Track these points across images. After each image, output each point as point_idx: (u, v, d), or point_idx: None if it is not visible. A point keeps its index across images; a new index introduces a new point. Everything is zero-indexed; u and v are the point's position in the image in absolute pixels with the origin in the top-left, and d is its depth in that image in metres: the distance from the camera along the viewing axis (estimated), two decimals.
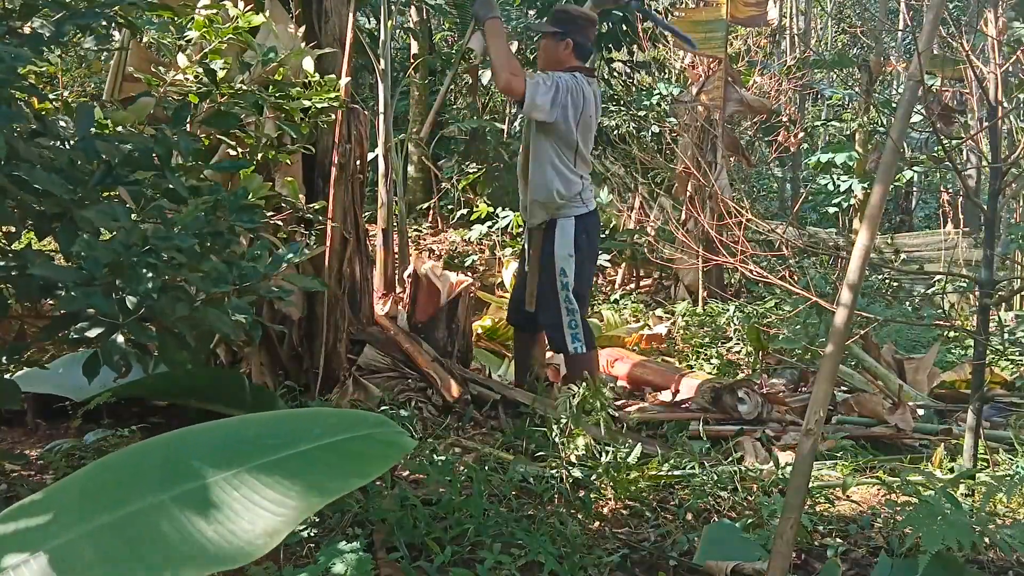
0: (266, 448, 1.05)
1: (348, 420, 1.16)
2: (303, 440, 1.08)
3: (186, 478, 0.99)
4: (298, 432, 1.10)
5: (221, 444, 1.08)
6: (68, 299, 1.55)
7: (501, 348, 5.09)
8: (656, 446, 3.25)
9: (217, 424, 1.14)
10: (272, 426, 1.15)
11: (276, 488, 1.00)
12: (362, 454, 1.09)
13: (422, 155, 8.43)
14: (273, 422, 1.18)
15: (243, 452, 1.04)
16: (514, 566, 2.07)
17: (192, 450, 1.06)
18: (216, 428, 1.13)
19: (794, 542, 1.84)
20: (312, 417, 1.20)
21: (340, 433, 1.10)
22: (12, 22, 1.73)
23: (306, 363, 3.38)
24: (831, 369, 1.87)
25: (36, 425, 3.02)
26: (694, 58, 7.05)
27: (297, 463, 1.04)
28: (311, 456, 1.06)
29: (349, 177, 3.41)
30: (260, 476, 1.01)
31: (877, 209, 1.95)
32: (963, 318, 6.43)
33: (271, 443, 1.07)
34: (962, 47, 2.73)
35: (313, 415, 1.22)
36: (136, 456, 1.07)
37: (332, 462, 1.06)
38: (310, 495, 1.00)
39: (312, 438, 1.08)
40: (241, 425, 1.14)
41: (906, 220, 11.77)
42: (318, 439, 1.08)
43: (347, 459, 1.07)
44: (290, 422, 1.18)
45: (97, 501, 0.96)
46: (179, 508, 0.95)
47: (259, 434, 1.10)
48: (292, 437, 1.09)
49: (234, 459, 1.03)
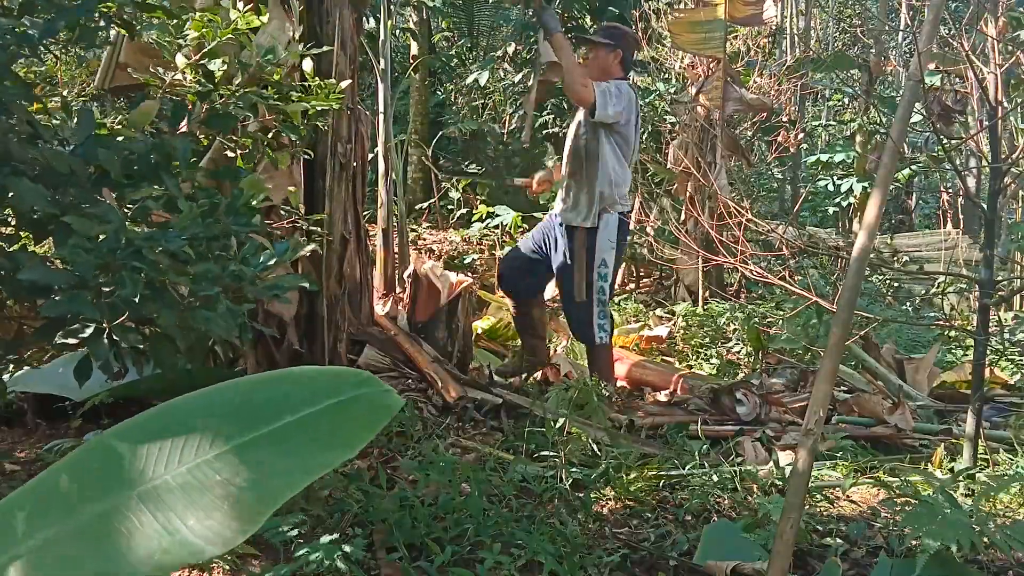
0: (247, 423, 0.99)
1: (332, 382, 1.06)
2: (286, 411, 1.00)
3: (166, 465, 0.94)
4: (280, 401, 1.02)
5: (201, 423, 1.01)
6: (53, 303, 1.54)
7: (501, 348, 5.09)
8: (656, 446, 3.25)
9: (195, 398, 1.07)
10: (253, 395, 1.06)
11: (255, 469, 0.94)
12: (349, 421, 1.01)
13: (422, 155, 8.43)
14: (253, 390, 1.08)
15: (224, 430, 0.98)
16: (514, 566, 2.07)
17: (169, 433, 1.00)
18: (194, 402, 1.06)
19: (794, 542, 1.84)
20: (294, 380, 1.08)
21: (325, 398, 1.02)
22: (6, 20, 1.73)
23: (306, 363, 3.37)
24: (831, 369, 1.86)
25: (36, 425, 3.02)
26: (694, 58, 7.04)
27: (280, 438, 0.98)
28: (292, 430, 0.99)
29: (351, 177, 3.40)
30: (241, 457, 0.95)
31: (875, 213, 1.95)
32: (963, 318, 6.43)
33: (252, 416, 1.00)
34: (962, 47, 2.74)
35: (294, 378, 1.09)
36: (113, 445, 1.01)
37: (315, 434, 0.99)
38: (295, 473, 0.95)
39: (295, 407, 1.01)
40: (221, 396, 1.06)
41: (906, 220, 11.77)
42: (301, 408, 1.01)
43: (331, 429, 1.00)
44: (271, 389, 1.08)
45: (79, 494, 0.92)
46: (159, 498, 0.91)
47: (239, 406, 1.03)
48: (274, 408, 1.01)
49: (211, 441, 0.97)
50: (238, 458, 0.96)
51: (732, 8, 6.44)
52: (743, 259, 3.01)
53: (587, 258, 3.76)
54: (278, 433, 0.99)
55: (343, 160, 3.35)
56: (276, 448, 0.98)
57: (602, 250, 3.77)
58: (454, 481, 2.43)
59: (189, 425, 1.02)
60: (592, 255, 3.76)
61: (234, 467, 0.95)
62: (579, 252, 3.78)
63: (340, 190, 3.36)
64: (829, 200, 9.91)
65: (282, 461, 0.97)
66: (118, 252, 1.57)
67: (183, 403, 1.07)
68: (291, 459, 0.97)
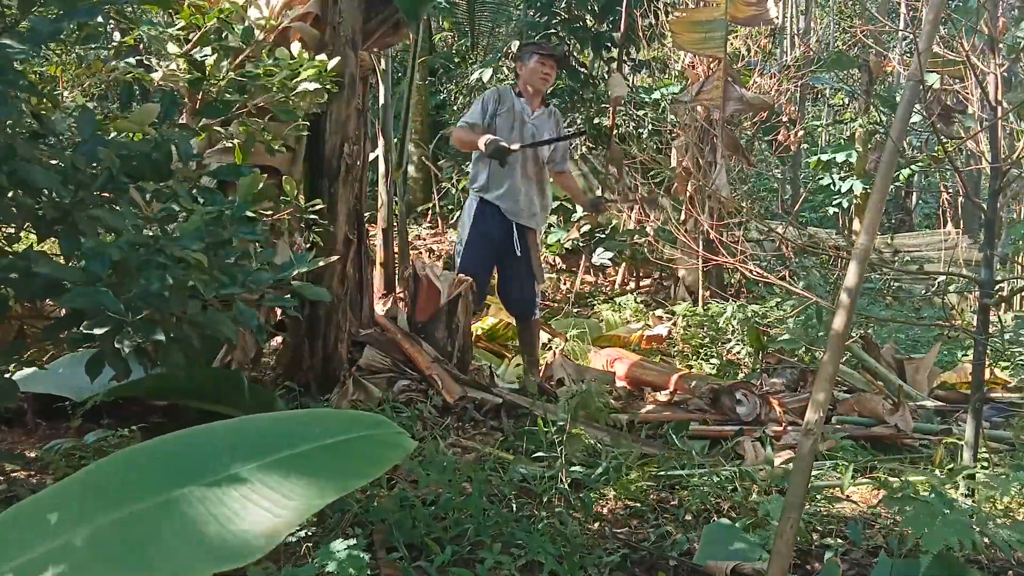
0: (266, 449, 1.06)
1: (347, 421, 1.17)
2: (303, 441, 1.09)
3: (187, 479, 0.99)
4: (298, 433, 1.11)
5: (222, 445, 1.08)
6: (71, 297, 1.54)
7: (501, 348, 5.10)
8: (656, 446, 3.25)
9: (218, 425, 1.14)
10: (272, 427, 1.16)
11: (276, 488, 1.00)
12: (362, 455, 1.09)
13: (422, 155, 8.43)
14: (273, 423, 1.19)
15: (244, 453, 1.05)
16: (514, 566, 2.07)
17: (194, 451, 1.07)
18: (217, 429, 1.13)
19: (794, 542, 1.84)
20: (312, 418, 1.21)
21: (340, 434, 1.11)
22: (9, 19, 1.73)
23: (306, 363, 3.38)
24: (831, 370, 1.86)
25: (36, 425, 3.01)
26: (694, 58, 7.04)
27: (297, 464, 1.05)
28: (311, 457, 1.06)
29: (355, 178, 3.40)
30: (260, 476, 1.01)
31: (876, 214, 1.95)
32: (963, 318, 6.43)
33: (271, 443, 1.07)
34: (962, 47, 2.73)
35: (313, 416, 1.22)
36: (137, 457, 1.07)
37: (332, 463, 1.07)
38: (310, 495, 1.01)
39: (312, 439, 1.09)
40: (242, 426, 1.14)
41: (906, 220, 11.77)
42: (318, 440, 1.09)
43: (347, 460, 1.08)
44: (290, 423, 1.19)
45: (97, 502, 0.96)
46: (180, 509, 0.95)
47: (260, 434, 1.11)
48: (292, 438, 1.09)
49: (235, 459, 1.03)
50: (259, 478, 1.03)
51: (734, 8, 6.43)
52: (743, 259, 3.00)
53: (534, 254, 4.50)
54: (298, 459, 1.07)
55: (349, 161, 3.35)
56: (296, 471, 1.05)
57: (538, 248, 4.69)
58: (454, 481, 2.43)
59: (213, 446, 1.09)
60: (537, 251, 4.58)
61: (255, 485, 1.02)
62: (534, 245, 4.50)
63: (345, 190, 3.36)
64: (829, 200, 9.91)
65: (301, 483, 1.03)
66: (141, 249, 1.58)
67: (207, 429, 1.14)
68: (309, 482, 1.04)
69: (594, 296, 7.53)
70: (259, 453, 1.05)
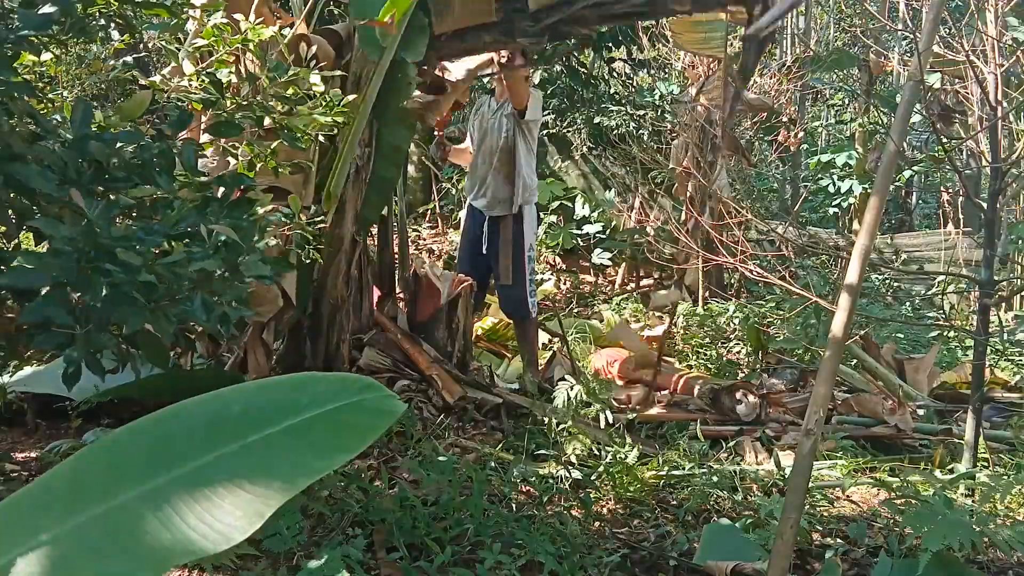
0: (251, 426, 1.02)
1: (335, 386, 1.11)
2: (289, 414, 1.04)
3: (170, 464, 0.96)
4: (283, 405, 1.07)
5: (206, 425, 1.04)
6: (30, 310, 1.53)
7: (501, 348, 5.09)
8: (656, 446, 3.25)
9: (201, 401, 1.10)
10: (256, 399, 1.11)
11: (259, 469, 0.97)
12: (350, 425, 1.05)
13: (422, 155, 8.43)
14: (258, 394, 1.13)
15: (228, 432, 1.02)
16: (514, 566, 2.07)
17: (176, 433, 1.03)
18: (201, 406, 1.09)
19: (794, 542, 1.84)
20: (298, 385, 1.13)
21: (327, 402, 1.06)
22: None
23: (309, 363, 3.37)
24: (831, 370, 1.87)
25: (36, 425, 3.02)
26: (694, 58, 7.04)
27: (281, 441, 1.01)
28: (296, 431, 1.02)
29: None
30: (243, 458, 0.98)
31: (876, 214, 1.95)
32: (963, 318, 6.43)
33: (256, 419, 1.03)
34: (962, 47, 2.73)
35: (299, 383, 1.14)
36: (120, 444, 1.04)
37: (318, 437, 1.02)
38: (295, 474, 0.97)
39: (298, 411, 1.05)
40: (227, 400, 1.10)
41: (906, 220, 11.77)
42: (304, 411, 1.05)
43: (334, 432, 1.03)
44: (275, 391, 1.13)
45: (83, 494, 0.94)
46: (162, 497, 0.92)
47: (244, 410, 1.07)
48: (277, 411, 1.05)
49: (219, 440, 1.00)
50: (241, 459, 0.98)
51: None
52: (743, 259, 3.00)
53: (515, 244, 4.30)
54: (282, 435, 1.02)
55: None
56: (279, 450, 1.00)
57: (528, 236, 4.34)
58: (454, 481, 2.43)
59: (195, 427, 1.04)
60: (521, 241, 4.31)
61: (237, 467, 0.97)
62: (505, 240, 4.30)
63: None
64: (829, 201, 9.91)
65: (284, 462, 0.99)
66: (91, 254, 1.55)
67: (191, 405, 1.09)
68: (293, 460, 0.99)
69: (594, 296, 7.53)
70: (244, 431, 1.01)
